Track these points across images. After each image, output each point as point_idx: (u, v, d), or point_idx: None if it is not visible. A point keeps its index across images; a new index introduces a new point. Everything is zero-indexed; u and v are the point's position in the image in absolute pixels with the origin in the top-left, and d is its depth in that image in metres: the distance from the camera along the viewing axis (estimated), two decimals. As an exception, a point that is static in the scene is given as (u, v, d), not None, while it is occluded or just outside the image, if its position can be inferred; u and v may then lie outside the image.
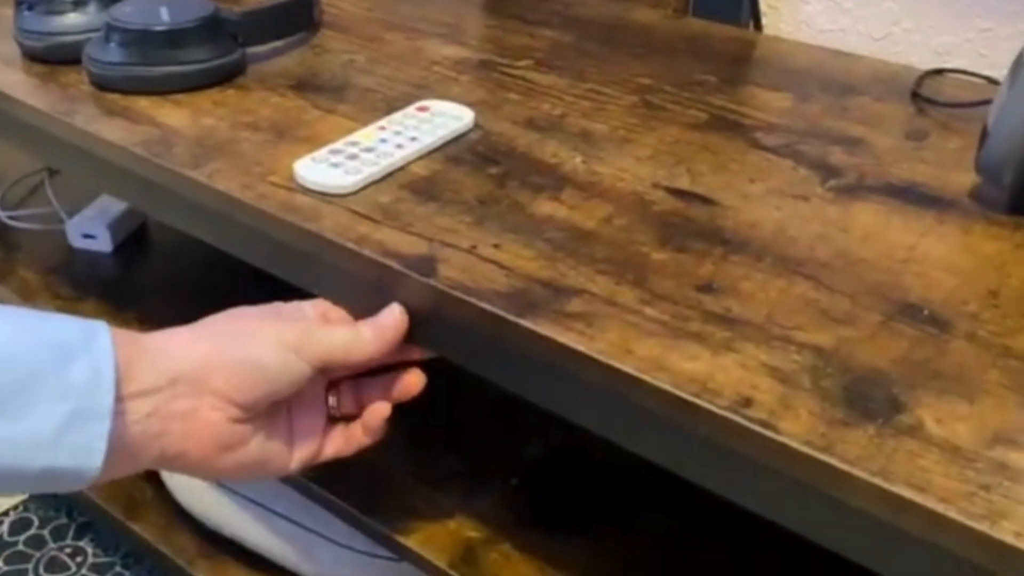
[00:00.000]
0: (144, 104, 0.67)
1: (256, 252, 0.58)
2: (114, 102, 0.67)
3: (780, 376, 0.42)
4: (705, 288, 0.48)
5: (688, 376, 0.42)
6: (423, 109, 0.65)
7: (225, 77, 0.70)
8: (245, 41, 0.72)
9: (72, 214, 1.03)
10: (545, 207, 0.55)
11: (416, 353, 0.55)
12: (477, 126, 0.64)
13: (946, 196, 0.57)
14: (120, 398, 0.45)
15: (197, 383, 0.48)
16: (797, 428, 0.39)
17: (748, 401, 0.40)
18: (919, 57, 0.81)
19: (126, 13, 0.69)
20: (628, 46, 0.80)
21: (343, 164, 0.57)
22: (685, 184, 0.58)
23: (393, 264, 0.50)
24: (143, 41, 0.68)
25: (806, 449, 0.38)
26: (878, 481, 0.36)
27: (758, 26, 0.87)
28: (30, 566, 1.13)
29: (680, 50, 0.79)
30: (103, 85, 0.69)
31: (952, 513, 0.35)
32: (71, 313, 0.47)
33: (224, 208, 0.57)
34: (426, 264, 0.50)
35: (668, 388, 0.41)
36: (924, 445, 0.38)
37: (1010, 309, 0.47)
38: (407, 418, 0.56)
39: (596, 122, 0.65)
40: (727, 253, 0.51)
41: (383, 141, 0.60)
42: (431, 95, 0.68)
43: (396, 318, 0.51)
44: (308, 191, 0.56)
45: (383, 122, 0.63)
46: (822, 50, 0.79)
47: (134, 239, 1.04)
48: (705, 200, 0.56)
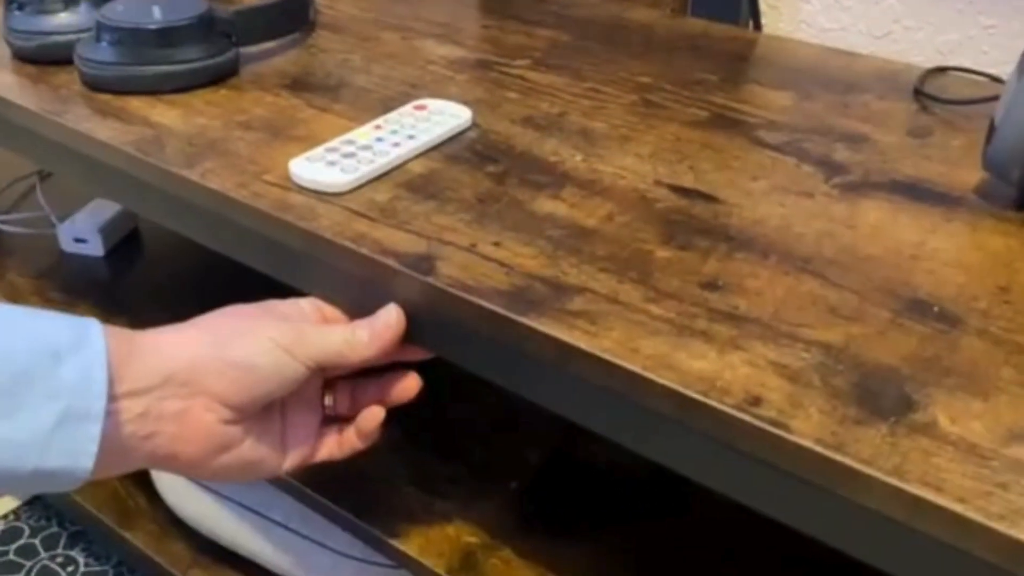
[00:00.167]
0: (136, 104, 0.66)
1: (250, 252, 0.57)
2: (106, 102, 0.66)
3: (789, 374, 0.41)
4: (711, 286, 0.47)
5: (696, 375, 0.41)
6: (420, 108, 0.64)
7: (218, 77, 0.69)
8: (239, 40, 0.71)
9: (63, 218, 1.02)
10: (545, 205, 0.54)
11: (415, 353, 0.54)
12: (475, 125, 0.63)
13: (953, 193, 0.56)
14: (112, 398, 0.44)
15: (189, 383, 0.47)
16: (808, 427, 0.38)
17: (757, 400, 0.39)
18: (921, 55, 0.80)
19: (118, 12, 0.68)
20: (627, 45, 0.79)
21: (339, 162, 0.56)
22: (688, 181, 0.57)
23: (391, 262, 0.49)
24: (135, 40, 0.67)
25: (818, 448, 0.37)
26: (893, 480, 0.35)
27: (757, 26, 0.86)
28: (21, 576, 1.12)
29: (679, 49, 0.78)
30: (95, 85, 0.68)
31: (970, 513, 0.34)
32: (62, 316, 0.46)
33: (218, 207, 0.56)
34: (425, 262, 0.49)
35: (675, 387, 0.40)
36: (939, 443, 0.37)
37: (1021, 305, 0.46)
38: (404, 422, 0.55)
39: (596, 120, 0.65)
40: (732, 250, 0.50)
41: (380, 140, 0.59)
42: (428, 94, 0.67)
43: (393, 318, 0.50)
44: (303, 190, 0.55)
45: (380, 121, 0.62)
46: (823, 48, 0.79)
47: (126, 243, 1.03)
48: (708, 197, 0.55)
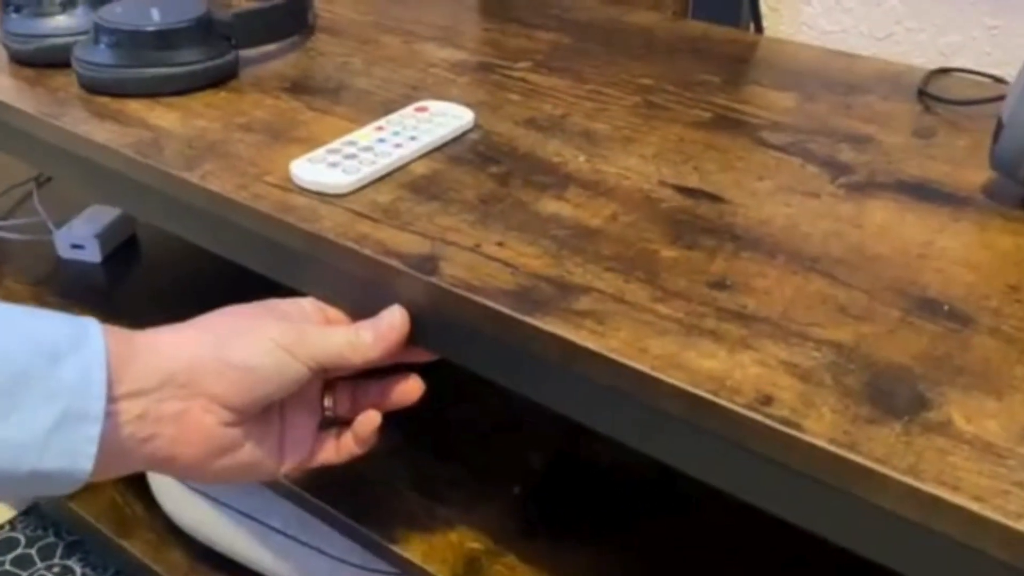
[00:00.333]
0: (135, 107, 0.65)
1: (251, 254, 0.56)
2: (104, 105, 0.66)
3: (800, 373, 0.40)
4: (718, 285, 0.46)
5: (705, 374, 0.40)
6: (422, 109, 0.63)
7: (218, 79, 0.69)
8: (238, 42, 0.70)
9: (60, 224, 1.01)
10: (549, 205, 0.53)
11: (418, 355, 0.53)
12: (477, 126, 0.63)
13: (959, 192, 0.55)
14: (111, 399, 0.43)
15: (189, 384, 0.46)
16: (821, 426, 0.37)
17: (768, 399, 0.39)
18: (923, 57, 0.80)
19: (116, 14, 0.67)
20: (628, 48, 0.78)
21: (341, 164, 0.56)
22: (692, 182, 0.56)
23: (394, 263, 0.48)
24: (133, 42, 0.66)
25: (832, 447, 0.36)
26: (908, 480, 0.35)
27: (759, 28, 0.86)
28: (17, 586, 1.11)
29: (681, 51, 0.78)
30: (93, 88, 0.67)
31: (987, 511, 0.34)
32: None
33: (218, 209, 0.55)
34: (428, 263, 0.48)
35: (685, 386, 0.39)
36: (954, 442, 0.37)
37: (1032, 304, 0.45)
38: (405, 425, 0.55)
39: (598, 122, 0.64)
40: (739, 250, 0.49)
41: (381, 141, 0.59)
42: (429, 96, 0.66)
43: (398, 319, 0.49)
44: (305, 191, 0.55)
45: (381, 122, 0.61)
46: (824, 50, 0.78)
47: (123, 249, 1.02)
48: (713, 197, 0.54)
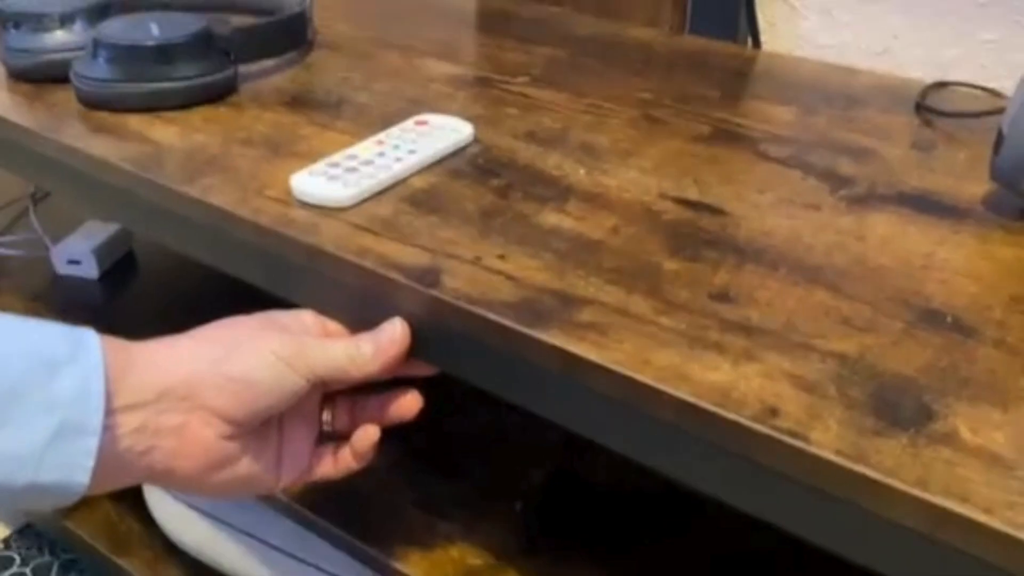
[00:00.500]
0: (134, 122, 0.65)
1: (251, 268, 0.56)
2: (103, 120, 0.65)
3: (805, 385, 0.40)
4: (721, 297, 0.46)
5: (709, 386, 0.40)
6: (422, 123, 0.63)
7: (217, 94, 0.69)
8: (237, 58, 0.70)
9: (57, 240, 1.01)
10: (550, 218, 0.53)
11: (418, 369, 0.53)
12: (477, 140, 0.63)
13: (960, 205, 0.55)
14: (109, 412, 0.43)
15: (188, 397, 0.46)
16: (827, 438, 0.37)
17: (774, 411, 0.38)
18: (920, 71, 0.80)
19: (115, 29, 0.67)
20: (626, 63, 0.79)
21: (341, 177, 0.55)
22: (693, 194, 0.56)
23: (395, 276, 0.48)
24: (132, 57, 0.66)
25: (839, 459, 0.36)
26: (916, 491, 0.35)
27: (756, 43, 0.86)
28: (11, 606, 1.10)
29: (679, 66, 0.78)
30: (92, 103, 0.67)
31: (996, 523, 0.33)
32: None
33: (218, 224, 0.55)
34: (430, 275, 0.48)
35: (689, 399, 0.39)
36: (961, 454, 0.36)
37: (1036, 315, 0.45)
38: (405, 440, 0.54)
39: (598, 135, 0.64)
40: (741, 262, 0.49)
41: (381, 154, 0.59)
42: (428, 111, 0.66)
43: (399, 332, 0.49)
44: (305, 205, 0.54)
45: (381, 136, 0.61)
46: (823, 64, 0.79)
47: (120, 265, 1.01)
48: (714, 210, 0.54)
